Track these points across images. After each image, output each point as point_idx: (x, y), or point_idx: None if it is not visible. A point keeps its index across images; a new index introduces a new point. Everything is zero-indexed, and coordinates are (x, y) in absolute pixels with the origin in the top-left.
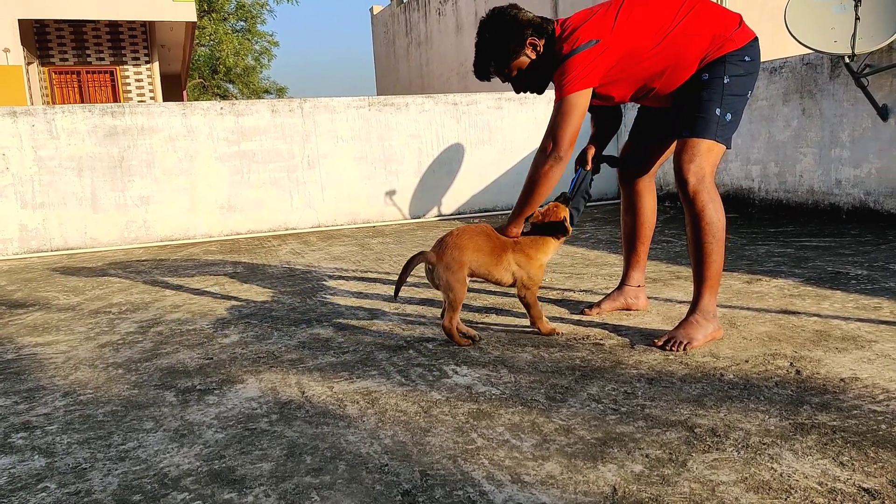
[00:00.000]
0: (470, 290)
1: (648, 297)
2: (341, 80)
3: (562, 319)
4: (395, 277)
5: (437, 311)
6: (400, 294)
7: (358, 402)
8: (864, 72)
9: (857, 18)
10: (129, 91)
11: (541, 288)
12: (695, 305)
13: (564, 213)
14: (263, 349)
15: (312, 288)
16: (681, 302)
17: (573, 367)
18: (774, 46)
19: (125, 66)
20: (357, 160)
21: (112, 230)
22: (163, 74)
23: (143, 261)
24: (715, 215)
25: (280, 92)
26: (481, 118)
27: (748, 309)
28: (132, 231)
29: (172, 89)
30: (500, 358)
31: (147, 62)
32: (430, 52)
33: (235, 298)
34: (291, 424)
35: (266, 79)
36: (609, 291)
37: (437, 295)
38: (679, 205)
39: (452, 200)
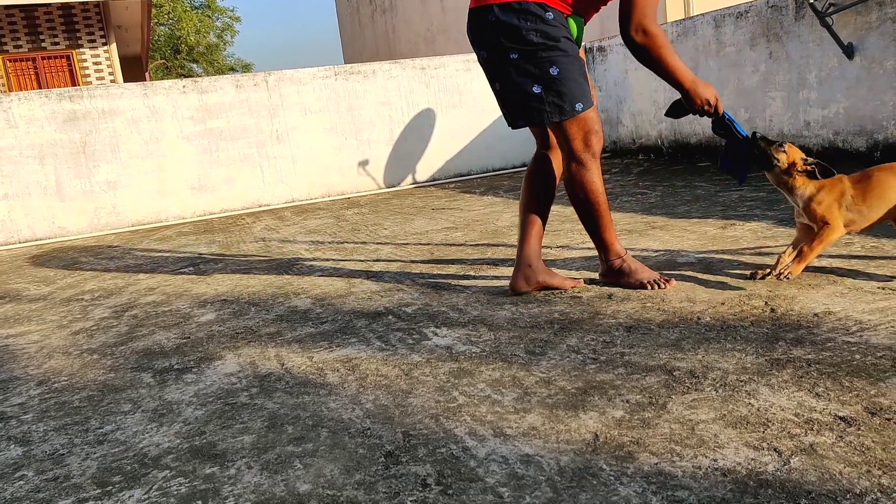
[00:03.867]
0: (442, 252)
1: (627, 249)
2: (308, 52)
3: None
4: (373, 247)
5: (415, 276)
6: (377, 263)
7: (338, 370)
8: (829, 11)
9: None
10: (88, 75)
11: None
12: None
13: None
14: (241, 325)
15: (288, 262)
16: (656, 251)
17: (552, 321)
18: None
19: (82, 50)
20: (327, 131)
21: (80, 218)
22: (122, 57)
23: (115, 247)
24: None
25: (246, 69)
26: (450, 81)
27: (724, 252)
28: (101, 217)
29: (134, 72)
30: (480, 317)
31: (104, 44)
32: (395, 19)
33: (211, 277)
34: (272, 396)
35: (230, 56)
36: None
37: (413, 263)
38: (653, 157)
39: (427, 167)
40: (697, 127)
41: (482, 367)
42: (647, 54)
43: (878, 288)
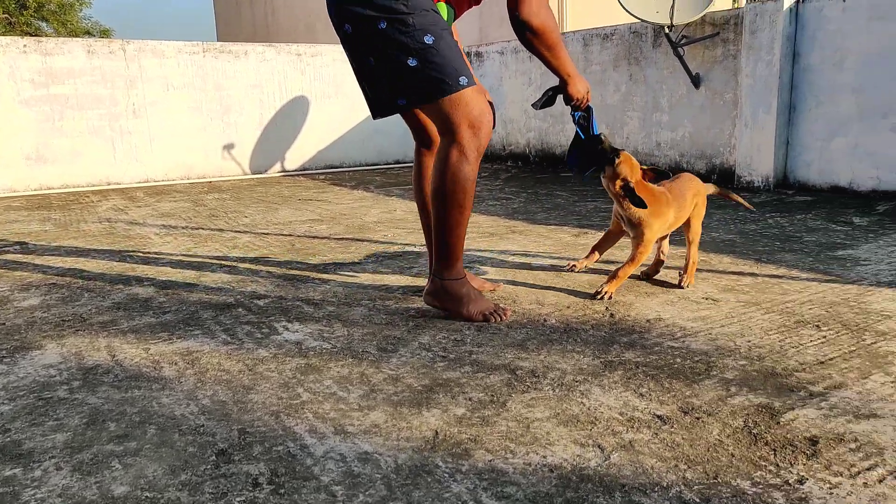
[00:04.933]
0: (304, 245)
1: (485, 250)
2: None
3: (401, 273)
4: (230, 236)
5: (273, 269)
6: (233, 252)
7: (176, 364)
8: (681, 42)
9: None
10: None
11: (393, 244)
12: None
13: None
14: (69, 312)
15: (134, 246)
16: (513, 253)
17: (408, 318)
18: (612, 13)
19: None
20: (191, 110)
21: None
22: None
23: None
24: None
25: (104, 34)
26: (327, 70)
27: (575, 259)
28: None
29: None
30: (335, 313)
31: None
32: (275, 1)
33: (41, 258)
34: (96, 391)
35: (87, 18)
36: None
37: (272, 254)
38: (520, 164)
39: (298, 156)
40: (563, 138)
41: (331, 363)
42: (542, 40)
43: (703, 298)
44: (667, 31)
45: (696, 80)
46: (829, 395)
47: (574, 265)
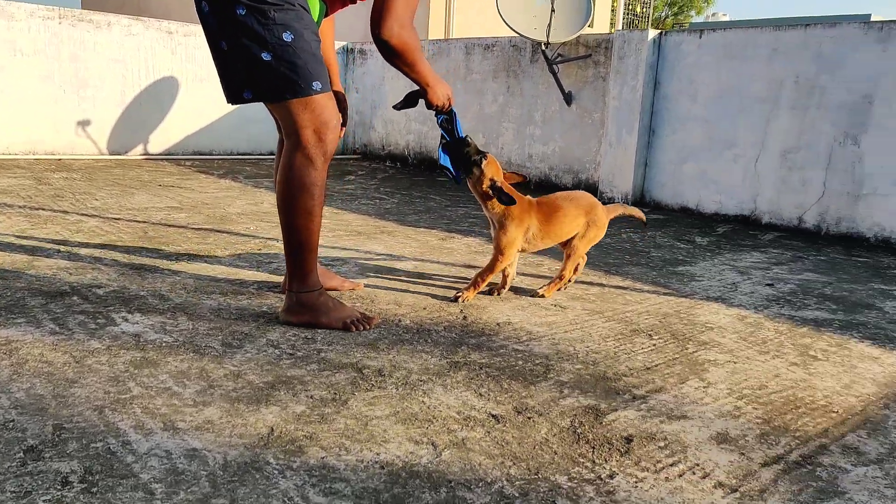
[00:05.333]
0: (158, 233)
1: (351, 249)
2: None
3: (258, 268)
4: (75, 219)
5: (119, 256)
6: (76, 236)
7: None
8: (557, 60)
9: (553, 10)
10: None
11: (255, 237)
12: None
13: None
14: None
15: None
16: (379, 254)
17: (259, 314)
18: (496, 25)
19: None
20: (42, 79)
21: None
22: None
23: None
24: None
25: None
26: (201, 52)
27: (437, 262)
28: None
29: None
30: (182, 305)
31: None
32: None
33: None
34: None
35: None
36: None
37: (120, 241)
38: (398, 165)
39: (163, 139)
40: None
41: (170, 357)
42: (402, 58)
43: (552, 305)
44: (543, 48)
45: (568, 98)
46: (649, 398)
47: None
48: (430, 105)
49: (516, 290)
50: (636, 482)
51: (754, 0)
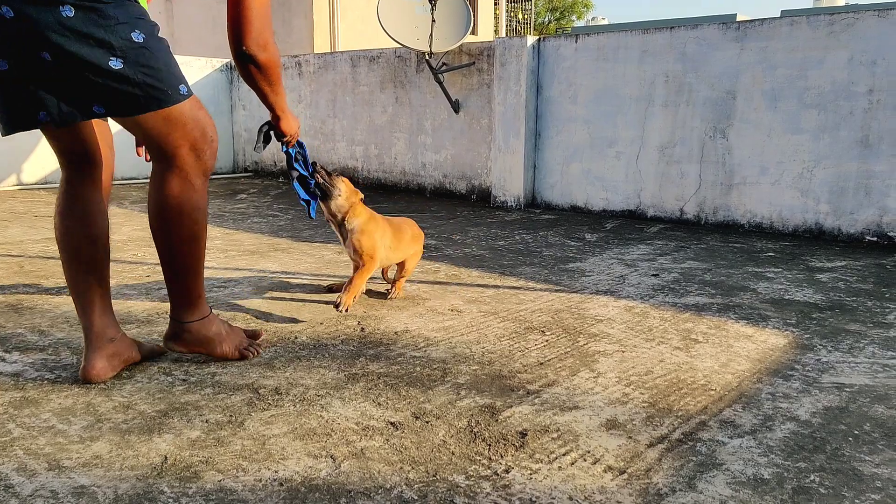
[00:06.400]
0: (36, 266)
1: (244, 269)
2: None
3: (147, 295)
4: None
5: None
6: None
7: None
8: (441, 69)
9: (434, 21)
10: None
11: (143, 264)
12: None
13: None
14: None
15: None
16: (274, 272)
17: (150, 342)
18: (381, 37)
19: None
20: None
21: None
22: None
23: None
24: None
25: None
26: None
27: (334, 277)
28: None
29: None
30: (65, 340)
31: None
32: None
33: None
34: None
35: None
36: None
37: None
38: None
39: (38, 167)
40: (334, 156)
41: (53, 394)
42: (267, 75)
43: (449, 310)
44: (427, 57)
45: (455, 106)
46: (542, 392)
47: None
48: (280, 135)
49: (412, 298)
50: (531, 474)
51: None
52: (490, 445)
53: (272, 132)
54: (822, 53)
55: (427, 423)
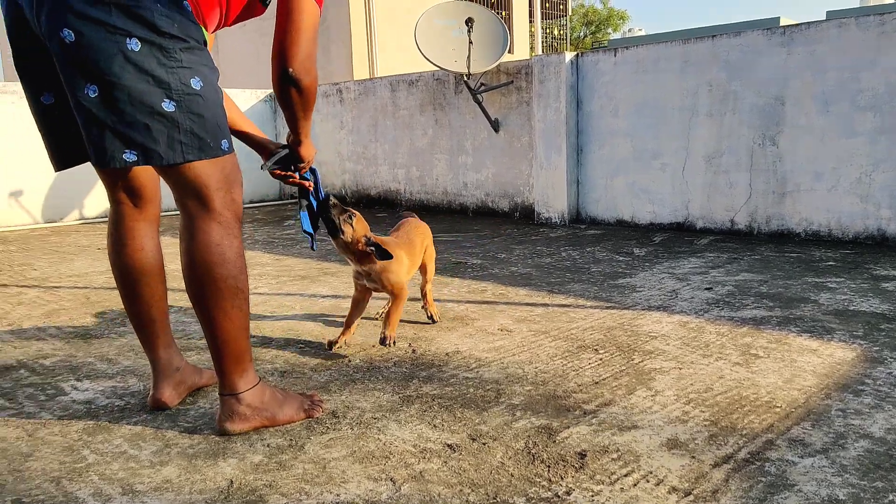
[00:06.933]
0: (101, 297)
1: (296, 294)
2: None
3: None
4: (15, 291)
5: (63, 325)
6: (17, 309)
7: None
8: (480, 89)
9: (471, 42)
10: None
11: None
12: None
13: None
14: None
15: None
16: (324, 296)
17: (210, 368)
18: (419, 60)
19: None
20: None
21: None
22: None
23: None
24: None
25: None
26: None
27: (383, 299)
28: None
29: None
30: (132, 367)
31: None
32: None
33: None
34: None
35: None
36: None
37: (63, 309)
38: None
39: (97, 201)
40: (377, 179)
41: (123, 421)
42: (306, 99)
43: (499, 330)
44: (465, 79)
45: (495, 125)
46: (599, 411)
47: (332, 342)
48: (297, 160)
49: (460, 319)
50: (592, 496)
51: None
52: (549, 467)
53: (286, 155)
54: (874, 54)
55: (484, 444)
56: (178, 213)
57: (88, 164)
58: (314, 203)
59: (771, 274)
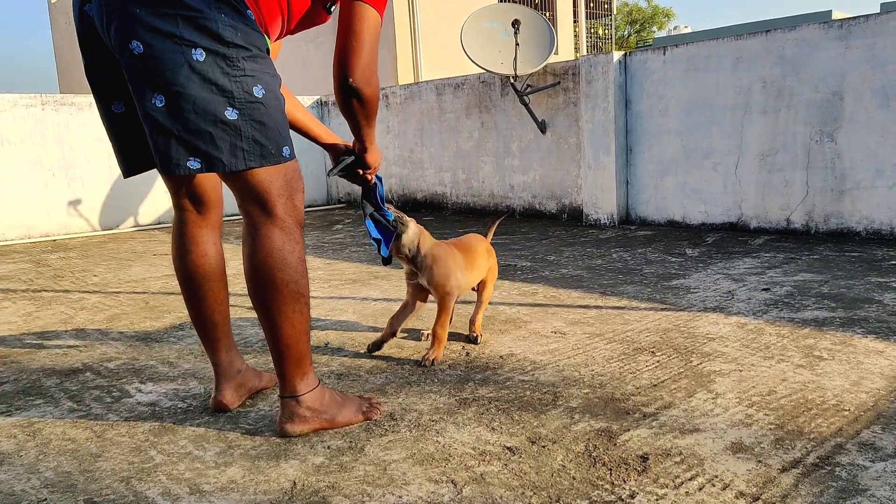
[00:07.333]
0: (158, 302)
1: (348, 297)
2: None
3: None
4: (77, 297)
5: (125, 328)
6: (79, 314)
7: (15, 437)
8: (526, 91)
9: (517, 44)
10: None
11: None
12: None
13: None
14: None
15: None
16: (376, 299)
17: (270, 370)
18: (464, 63)
19: None
20: (31, 166)
21: None
22: None
23: None
24: None
25: None
26: None
27: (431, 302)
28: None
29: None
30: (192, 370)
31: None
32: None
33: None
34: None
35: None
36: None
37: (123, 314)
38: None
39: (152, 208)
40: (423, 184)
41: (187, 422)
42: (367, 108)
43: (552, 332)
44: (512, 80)
45: (542, 126)
46: (659, 414)
47: (375, 344)
48: (364, 166)
49: (513, 322)
50: (657, 499)
51: (714, 8)
52: (611, 470)
53: (352, 162)
54: None
55: (543, 447)
56: (236, 218)
57: (144, 173)
58: (382, 208)
59: (831, 274)
